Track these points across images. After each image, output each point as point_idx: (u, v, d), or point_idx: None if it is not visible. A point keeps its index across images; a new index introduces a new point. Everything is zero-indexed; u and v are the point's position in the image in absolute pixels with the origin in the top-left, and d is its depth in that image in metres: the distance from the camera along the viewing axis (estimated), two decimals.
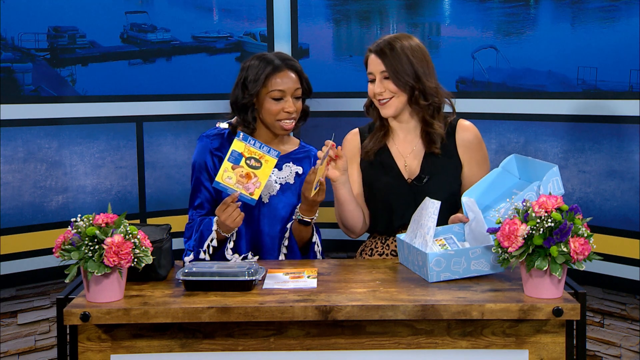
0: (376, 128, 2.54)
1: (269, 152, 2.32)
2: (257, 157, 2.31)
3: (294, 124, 2.48)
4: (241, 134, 2.33)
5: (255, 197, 2.31)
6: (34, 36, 3.12)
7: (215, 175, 2.36)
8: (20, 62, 3.09)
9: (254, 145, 2.31)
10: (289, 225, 2.50)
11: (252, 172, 2.31)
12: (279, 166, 2.51)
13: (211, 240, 2.39)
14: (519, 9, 3.23)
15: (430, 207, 2.16)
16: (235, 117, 2.55)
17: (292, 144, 2.59)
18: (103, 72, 3.29)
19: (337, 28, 3.61)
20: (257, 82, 2.44)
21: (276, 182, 2.51)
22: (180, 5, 3.47)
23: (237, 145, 2.31)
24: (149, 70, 3.41)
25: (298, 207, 2.44)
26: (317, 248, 2.51)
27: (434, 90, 2.44)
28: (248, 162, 2.31)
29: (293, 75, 2.47)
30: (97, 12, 3.27)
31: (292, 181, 2.52)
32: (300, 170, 2.54)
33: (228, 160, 2.30)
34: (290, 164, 2.54)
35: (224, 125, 2.57)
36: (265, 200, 2.49)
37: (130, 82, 3.36)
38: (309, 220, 2.42)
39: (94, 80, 3.27)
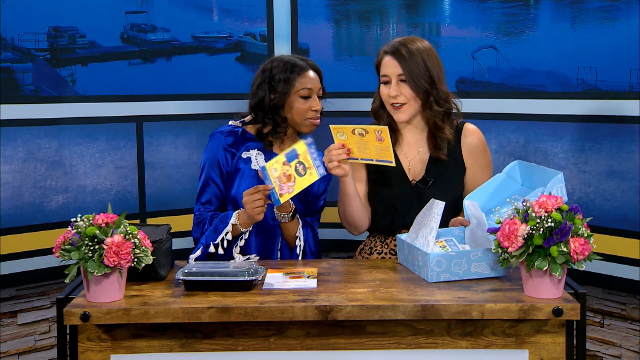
0: None
1: (317, 167, 2.31)
2: (306, 166, 2.31)
3: (319, 120, 2.53)
4: (310, 138, 2.34)
5: (282, 200, 2.31)
6: (34, 36, 3.12)
7: (230, 169, 2.37)
8: (20, 62, 3.09)
9: (312, 154, 2.31)
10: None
11: (295, 176, 2.31)
12: None
13: (226, 234, 2.39)
14: (519, 9, 3.23)
15: (435, 208, 2.16)
16: (249, 116, 2.57)
17: None
18: (103, 72, 3.29)
19: (337, 28, 3.61)
20: (289, 81, 2.49)
21: None
22: (180, 5, 3.47)
23: (300, 147, 2.30)
24: (149, 70, 3.41)
25: (275, 208, 2.46)
26: (299, 242, 2.52)
27: (446, 95, 2.44)
28: (298, 165, 2.31)
29: (316, 75, 2.54)
30: (97, 12, 3.27)
31: None
32: None
33: (285, 155, 2.30)
34: None
35: (237, 123, 2.58)
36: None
37: (130, 82, 3.36)
38: (286, 215, 2.45)
39: (94, 80, 3.27)
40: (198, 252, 2.42)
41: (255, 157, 2.53)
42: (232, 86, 3.54)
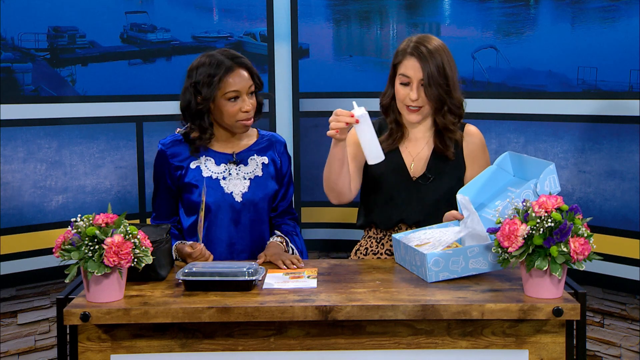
0: (392, 130, 2.51)
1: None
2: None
3: (252, 120, 2.46)
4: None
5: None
6: (34, 36, 3.12)
7: (179, 183, 2.46)
8: (20, 62, 3.09)
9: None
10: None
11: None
12: (244, 162, 2.51)
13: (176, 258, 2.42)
14: (519, 9, 3.23)
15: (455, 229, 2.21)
16: (189, 124, 2.51)
17: (251, 136, 2.57)
18: (103, 72, 3.29)
19: (337, 28, 3.61)
20: (212, 85, 2.39)
21: (245, 178, 2.50)
22: (180, 5, 3.47)
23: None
24: (149, 70, 3.41)
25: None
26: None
27: (459, 102, 2.44)
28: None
29: (245, 73, 2.43)
30: (97, 12, 3.27)
31: (260, 173, 2.51)
32: (265, 160, 2.53)
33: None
34: (255, 157, 2.53)
35: (182, 131, 2.54)
36: (239, 198, 2.49)
37: (130, 82, 3.36)
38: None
39: (94, 80, 3.27)
40: None
41: (205, 164, 2.49)
42: None
